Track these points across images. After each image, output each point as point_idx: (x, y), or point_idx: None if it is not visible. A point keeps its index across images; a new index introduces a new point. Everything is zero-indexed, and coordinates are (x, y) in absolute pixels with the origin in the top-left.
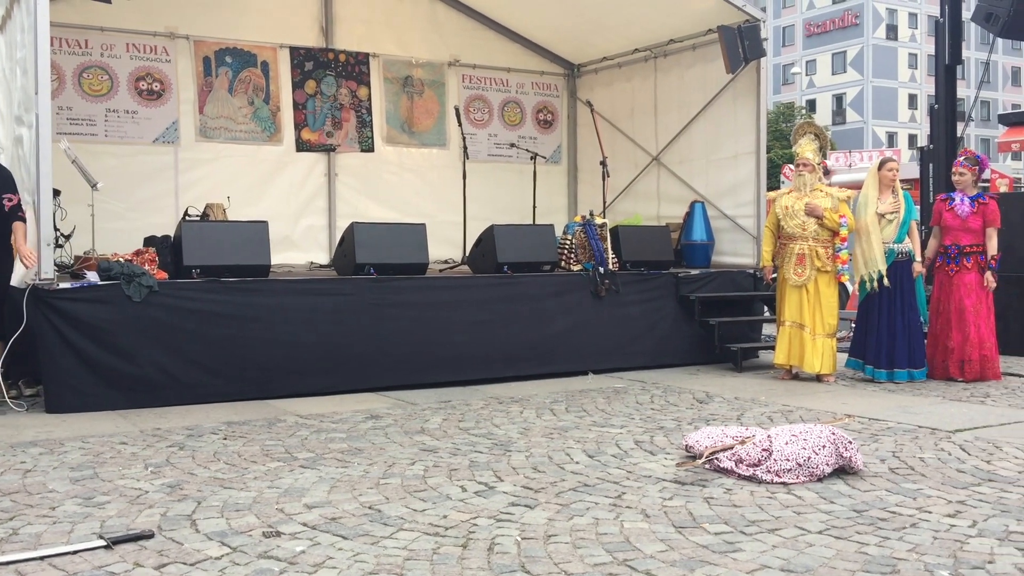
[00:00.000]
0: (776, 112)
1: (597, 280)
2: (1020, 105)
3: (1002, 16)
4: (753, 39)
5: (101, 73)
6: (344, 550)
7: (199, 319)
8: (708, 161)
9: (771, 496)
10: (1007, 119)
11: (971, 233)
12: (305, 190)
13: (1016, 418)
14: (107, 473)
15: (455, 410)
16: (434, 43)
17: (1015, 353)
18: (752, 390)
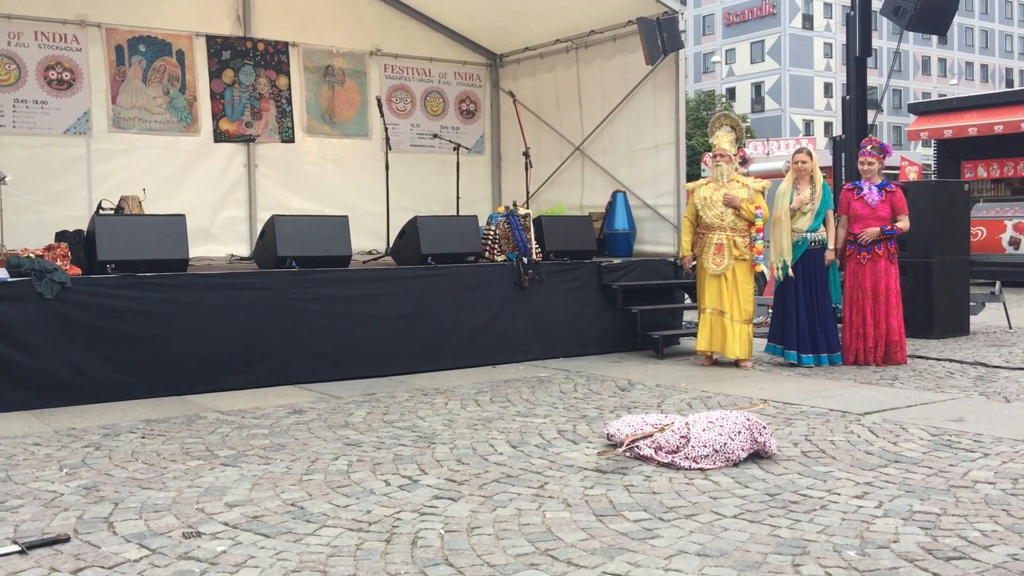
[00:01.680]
0: (697, 100)
1: (521, 271)
2: (930, 94)
3: (909, 10)
4: (672, 31)
5: (8, 62)
6: (266, 548)
7: (114, 316)
8: (630, 151)
9: (689, 482)
10: (917, 108)
11: (880, 221)
12: (224, 181)
13: (922, 400)
14: (20, 476)
15: (379, 403)
16: (355, 32)
17: (922, 336)
18: (673, 377)
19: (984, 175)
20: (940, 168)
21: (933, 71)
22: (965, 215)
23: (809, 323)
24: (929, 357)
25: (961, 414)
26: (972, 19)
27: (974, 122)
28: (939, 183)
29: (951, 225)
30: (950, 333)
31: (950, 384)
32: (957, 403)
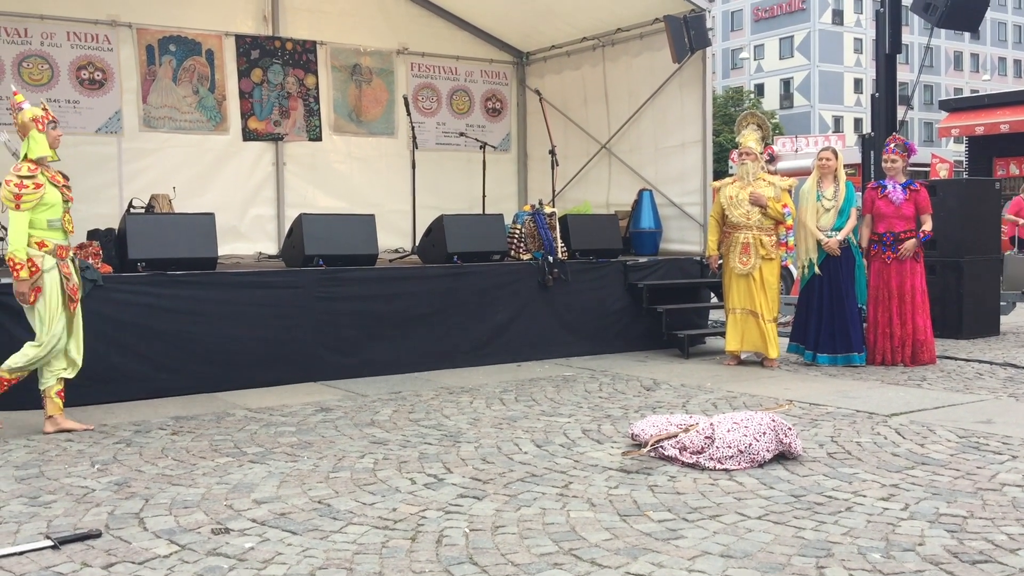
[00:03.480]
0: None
1: (546, 269)
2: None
3: (940, 6)
4: (699, 29)
5: (41, 62)
6: (293, 545)
7: (145, 313)
8: (656, 149)
9: (713, 483)
10: (948, 104)
11: (905, 220)
12: (252, 180)
13: (950, 401)
14: (53, 471)
15: (405, 401)
16: (382, 31)
17: (951, 336)
18: (698, 376)
19: (1016, 172)
20: (971, 165)
21: (965, 67)
22: (996, 213)
23: (829, 323)
24: (958, 358)
25: (990, 416)
26: (1005, 14)
27: (1006, 119)
28: (969, 181)
29: (982, 223)
30: (980, 333)
31: (979, 385)
32: (986, 405)
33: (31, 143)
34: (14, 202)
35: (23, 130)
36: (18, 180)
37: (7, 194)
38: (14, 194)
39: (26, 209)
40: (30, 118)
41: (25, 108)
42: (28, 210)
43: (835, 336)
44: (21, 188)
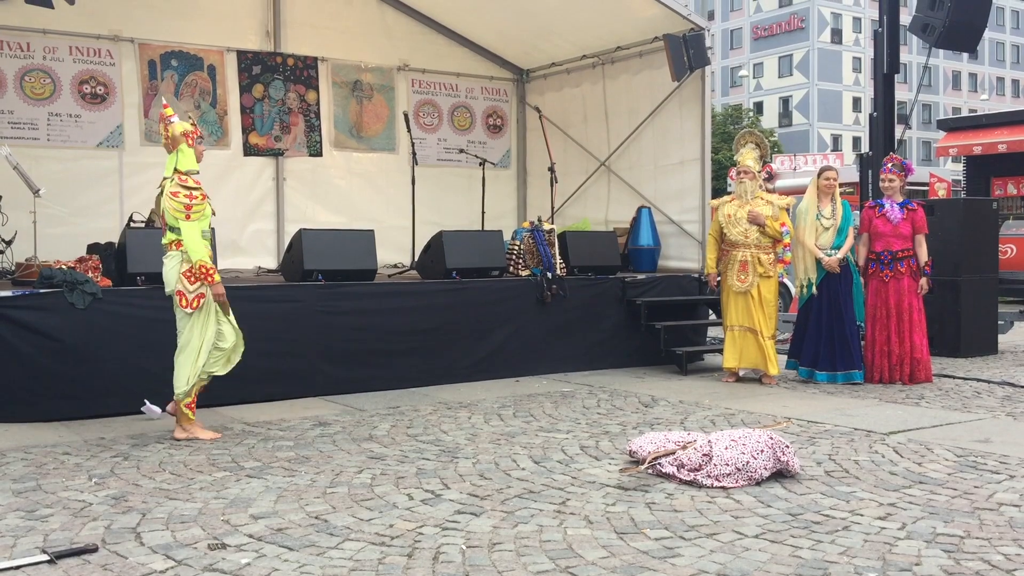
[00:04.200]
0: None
1: (545, 286)
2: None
3: (938, 27)
4: (698, 48)
5: (43, 76)
6: (290, 561)
7: (144, 326)
8: (655, 167)
9: (711, 500)
10: (946, 124)
11: (902, 239)
12: (253, 195)
13: (948, 420)
14: (50, 485)
15: (403, 416)
16: (383, 48)
17: (949, 355)
18: (696, 393)
19: (1014, 192)
20: (969, 185)
21: (963, 86)
22: (994, 233)
23: (827, 340)
24: (956, 376)
25: (987, 435)
26: (1003, 34)
27: (1004, 139)
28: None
29: (979, 243)
30: (978, 352)
31: (977, 404)
32: (983, 423)
33: (180, 156)
34: (185, 212)
35: (173, 143)
36: (187, 192)
37: (178, 206)
38: (185, 205)
39: (195, 219)
40: (180, 132)
41: (175, 122)
42: (197, 220)
43: (834, 354)
44: (191, 199)
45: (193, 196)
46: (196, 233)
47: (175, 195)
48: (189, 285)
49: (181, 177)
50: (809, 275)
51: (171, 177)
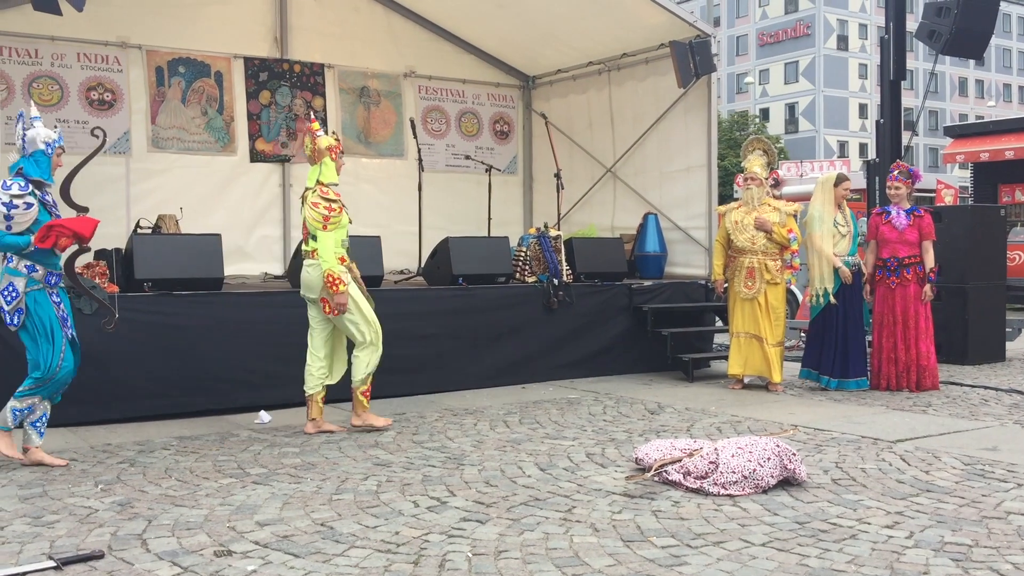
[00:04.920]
0: (730, 121)
1: (551, 292)
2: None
3: (944, 34)
4: (704, 54)
5: (51, 83)
6: (296, 568)
7: (151, 332)
8: (661, 173)
9: (717, 508)
10: (953, 131)
11: (908, 245)
12: (259, 201)
13: (956, 428)
14: (56, 491)
15: (409, 423)
16: (390, 54)
17: (957, 362)
18: (703, 400)
19: (1021, 199)
20: (977, 191)
21: (970, 92)
22: (1001, 240)
23: (844, 348)
24: (964, 384)
25: (995, 443)
26: (1010, 40)
27: (1011, 145)
28: (975, 207)
29: (987, 250)
30: (985, 360)
31: (984, 412)
32: (991, 431)
33: (324, 169)
34: (322, 223)
35: (317, 156)
36: (327, 203)
37: (317, 216)
38: (324, 216)
39: (332, 229)
40: (326, 146)
41: (321, 136)
42: (333, 230)
43: (847, 361)
44: (330, 211)
45: (332, 208)
46: (331, 243)
47: (316, 206)
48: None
49: (323, 189)
50: (826, 284)
51: (313, 188)
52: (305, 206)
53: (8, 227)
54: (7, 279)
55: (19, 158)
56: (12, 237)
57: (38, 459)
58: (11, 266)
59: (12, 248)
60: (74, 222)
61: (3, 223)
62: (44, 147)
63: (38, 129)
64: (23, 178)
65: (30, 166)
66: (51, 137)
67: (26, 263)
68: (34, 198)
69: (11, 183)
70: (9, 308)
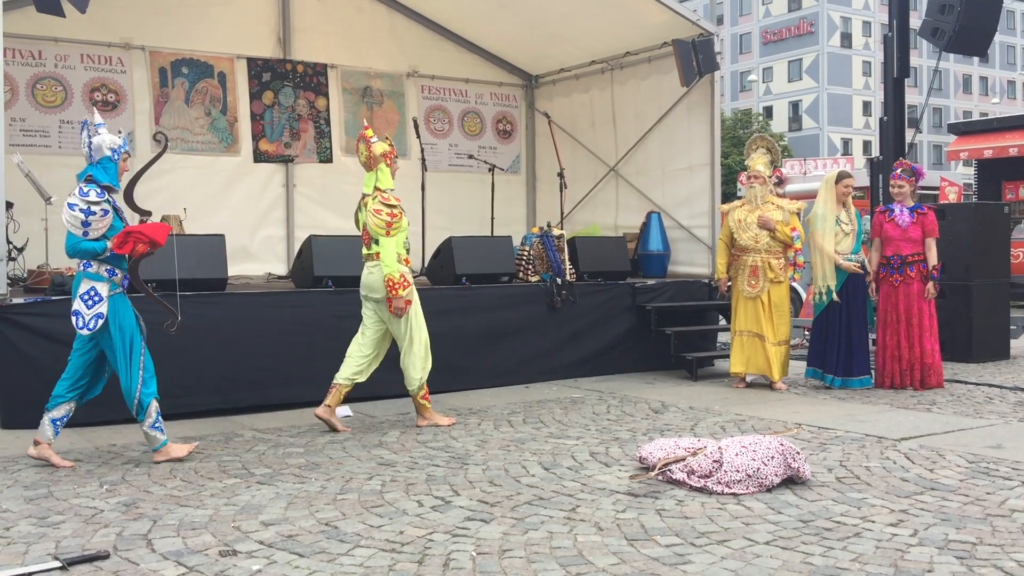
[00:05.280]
0: (734, 119)
1: (554, 291)
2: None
3: (948, 31)
4: (707, 53)
5: (55, 84)
6: (300, 568)
7: (155, 333)
8: (664, 172)
9: (721, 507)
10: (957, 128)
11: (912, 243)
12: (263, 201)
13: (960, 426)
14: (62, 492)
15: (413, 422)
16: (393, 54)
17: (961, 360)
18: (706, 399)
19: None
20: (980, 189)
21: (974, 89)
22: (1005, 237)
23: (848, 347)
24: (968, 382)
25: (1000, 441)
26: (1014, 37)
27: (1015, 142)
28: (978, 205)
29: (991, 247)
30: (990, 357)
31: (989, 410)
32: (996, 429)
33: (380, 175)
34: (385, 229)
35: (374, 162)
36: (388, 209)
37: (380, 223)
38: (386, 222)
39: (394, 235)
40: (380, 153)
41: (375, 143)
42: (395, 235)
43: (851, 359)
44: (392, 216)
45: (393, 214)
46: (393, 247)
47: (378, 212)
48: (402, 291)
49: (383, 195)
50: (828, 282)
51: (373, 195)
52: (366, 212)
53: (85, 233)
54: (87, 283)
55: (87, 165)
56: (90, 243)
57: (46, 455)
58: (91, 271)
59: (90, 254)
60: (150, 228)
61: (81, 229)
62: (110, 153)
63: (103, 136)
64: (96, 185)
65: (99, 172)
66: (116, 143)
67: (106, 267)
68: (108, 204)
69: (87, 189)
70: (89, 313)
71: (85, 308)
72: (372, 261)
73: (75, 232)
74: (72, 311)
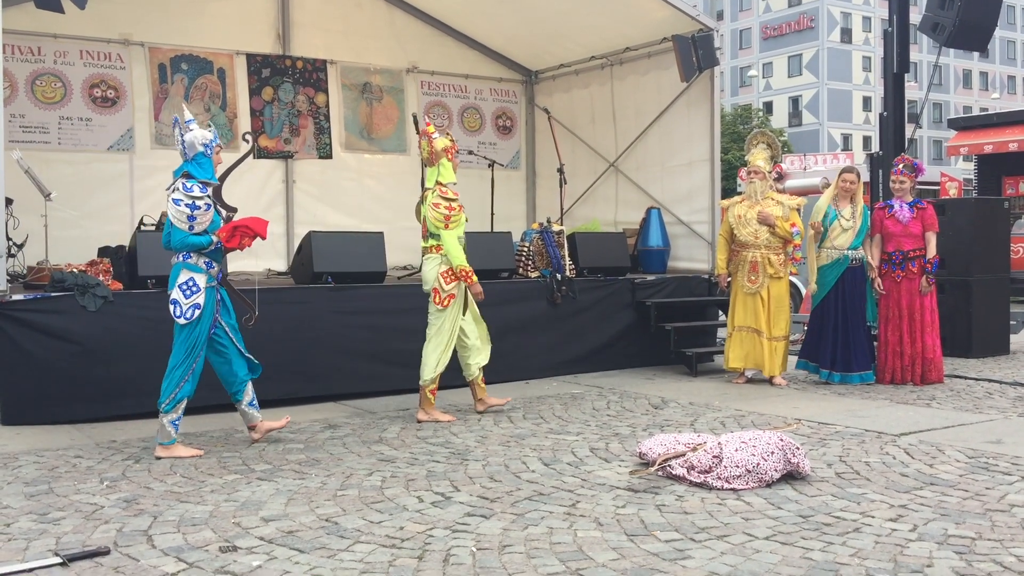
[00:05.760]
0: (734, 114)
1: (554, 287)
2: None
3: (948, 27)
4: (707, 48)
5: (54, 80)
6: (301, 564)
7: (155, 329)
8: (664, 168)
9: (721, 503)
10: (957, 123)
11: (912, 238)
12: (263, 197)
13: (960, 421)
14: (62, 488)
15: (413, 418)
16: (392, 50)
17: (961, 355)
18: (706, 395)
19: None
20: (981, 184)
21: (974, 84)
22: (1005, 232)
23: (843, 342)
24: (968, 377)
25: (999, 436)
26: (1015, 32)
27: (1015, 137)
28: (978, 200)
29: (991, 242)
30: (990, 352)
31: (988, 405)
32: (995, 424)
33: (441, 170)
34: (444, 222)
35: (435, 158)
36: (447, 203)
37: (439, 216)
38: (445, 215)
39: (453, 228)
40: (442, 148)
41: (437, 139)
42: (454, 228)
43: (849, 355)
44: (451, 210)
45: (452, 208)
46: (455, 240)
47: (436, 206)
48: (445, 285)
49: (442, 189)
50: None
51: (433, 189)
52: (425, 206)
53: (191, 227)
54: (187, 274)
55: (182, 162)
56: (196, 237)
57: (267, 428)
58: (190, 262)
59: (196, 247)
60: (253, 222)
61: (187, 224)
62: (203, 148)
63: (195, 132)
64: (196, 180)
65: (195, 168)
66: (207, 138)
67: (205, 259)
68: (209, 199)
69: (190, 185)
70: (187, 303)
71: (183, 298)
72: (428, 254)
73: (181, 227)
74: (170, 300)
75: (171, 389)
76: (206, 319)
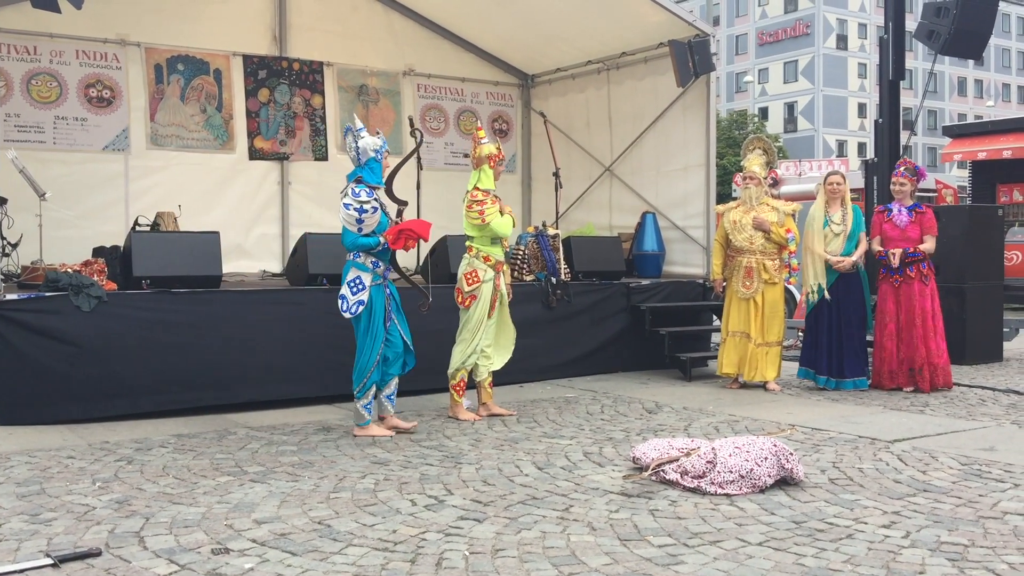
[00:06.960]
0: (729, 120)
1: (549, 291)
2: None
3: (943, 34)
4: (703, 54)
5: (50, 80)
6: (293, 566)
7: (149, 330)
8: (659, 172)
9: (714, 508)
10: (951, 130)
11: (910, 242)
12: (258, 199)
13: (953, 428)
14: (54, 489)
15: (408, 420)
16: (389, 52)
17: (954, 362)
18: (700, 399)
19: (1019, 198)
20: (975, 191)
21: (969, 92)
22: (999, 240)
23: (839, 348)
24: (961, 384)
25: (992, 443)
26: (1009, 40)
27: (1009, 145)
28: (972, 207)
29: (984, 250)
30: (983, 359)
31: (982, 412)
32: (988, 431)
33: (482, 175)
34: (480, 219)
35: (478, 163)
36: (478, 206)
37: (473, 215)
38: (479, 212)
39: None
40: (486, 155)
41: (483, 144)
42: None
43: (843, 361)
44: (481, 206)
45: (482, 202)
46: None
47: (469, 208)
48: (466, 286)
49: (472, 193)
50: (819, 280)
51: (471, 192)
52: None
53: (359, 229)
54: (355, 272)
55: (354, 167)
56: (365, 239)
57: (394, 424)
58: (358, 261)
59: (365, 248)
60: (417, 225)
61: (356, 226)
62: (375, 154)
63: (367, 139)
64: (366, 185)
65: (367, 174)
66: (378, 144)
67: (372, 259)
68: (377, 202)
69: (359, 190)
70: (353, 299)
71: (350, 294)
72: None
73: (351, 229)
74: (339, 295)
75: (360, 378)
76: (378, 313)
